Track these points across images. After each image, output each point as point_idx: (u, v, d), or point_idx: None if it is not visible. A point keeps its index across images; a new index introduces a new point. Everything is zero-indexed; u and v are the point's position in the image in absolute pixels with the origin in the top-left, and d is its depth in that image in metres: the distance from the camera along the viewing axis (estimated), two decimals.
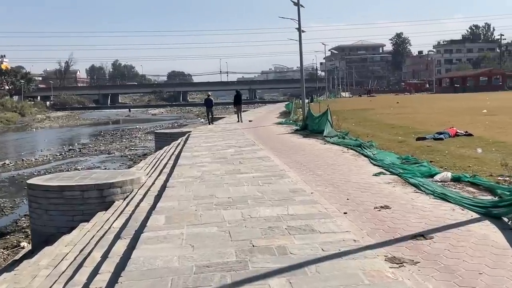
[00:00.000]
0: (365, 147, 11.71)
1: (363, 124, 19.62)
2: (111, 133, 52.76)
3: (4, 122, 75.71)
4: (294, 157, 11.40)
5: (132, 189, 11.31)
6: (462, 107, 29.72)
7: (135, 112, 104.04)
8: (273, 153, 12.52)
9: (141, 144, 38.65)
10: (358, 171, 8.99)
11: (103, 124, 73.30)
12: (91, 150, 36.72)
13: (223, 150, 13.95)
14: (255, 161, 11.05)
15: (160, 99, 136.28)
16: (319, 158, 10.94)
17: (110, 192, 10.88)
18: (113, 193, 10.91)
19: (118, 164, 28.47)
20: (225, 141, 16.56)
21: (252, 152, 12.76)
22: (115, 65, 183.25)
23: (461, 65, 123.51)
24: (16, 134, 58.50)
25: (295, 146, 13.71)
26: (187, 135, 22.23)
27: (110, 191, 10.88)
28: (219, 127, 24.46)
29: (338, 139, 14.18)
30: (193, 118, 74.28)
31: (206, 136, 19.78)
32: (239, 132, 20.41)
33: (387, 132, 15.89)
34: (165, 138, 26.97)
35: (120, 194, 11.03)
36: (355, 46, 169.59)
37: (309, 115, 18.41)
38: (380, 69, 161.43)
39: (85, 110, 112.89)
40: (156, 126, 61.05)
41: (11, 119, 79.91)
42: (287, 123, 23.89)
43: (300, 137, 16.37)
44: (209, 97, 29.65)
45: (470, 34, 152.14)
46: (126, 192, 11.13)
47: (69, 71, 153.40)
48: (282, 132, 19.28)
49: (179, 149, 16.66)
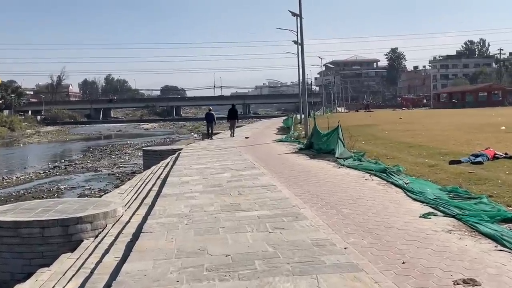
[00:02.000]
0: (392, 173, 9.56)
1: (374, 143, 17.48)
2: (100, 148, 50.99)
3: None
4: (307, 186, 9.21)
5: (105, 224, 9.21)
6: (474, 123, 27.69)
7: (127, 127, 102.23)
8: (279, 179, 10.34)
9: (130, 161, 36.92)
10: (397, 209, 6.81)
11: (94, 139, 71.42)
12: (77, 167, 35.00)
13: (217, 174, 11.76)
14: (257, 191, 8.87)
15: (153, 114, 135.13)
16: (339, 188, 8.75)
17: (78, 229, 8.80)
18: (81, 230, 8.82)
19: (104, 183, 26.80)
20: (219, 162, 14.36)
21: (253, 177, 10.59)
22: (108, 79, 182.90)
23: (457, 80, 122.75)
24: (1, 150, 56.38)
25: (304, 170, 11.51)
26: (178, 154, 20.06)
27: (77, 228, 8.81)
28: (213, 145, 22.26)
29: (354, 161, 12.01)
30: (186, 133, 72.57)
31: (198, 155, 17.58)
32: (235, 151, 18.22)
33: (407, 153, 13.74)
34: (154, 156, 24.93)
35: (90, 231, 8.94)
36: (350, 61, 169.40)
37: (315, 132, 16.23)
38: (375, 84, 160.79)
39: (77, 125, 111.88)
40: (148, 142, 59.14)
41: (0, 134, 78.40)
42: (288, 141, 21.71)
43: (306, 158, 14.16)
44: (210, 111, 28.65)
45: (466, 50, 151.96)
46: (98, 228, 9.04)
47: (61, 85, 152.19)
48: (284, 152, 17.08)
49: (167, 172, 14.45)
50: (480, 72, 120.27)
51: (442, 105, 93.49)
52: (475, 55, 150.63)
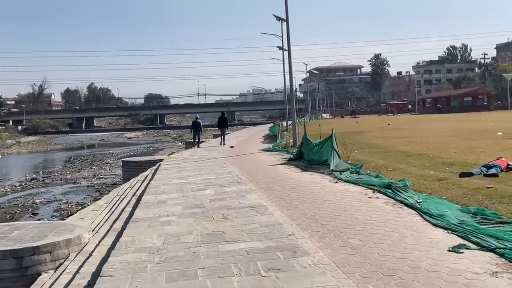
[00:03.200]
0: (398, 189, 8.32)
1: (369, 152, 16.26)
2: (81, 159, 49.65)
3: None
4: (302, 207, 7.91)
5: (68, 253, 7.87)
6: (467, 129, 26.71)
7: (110, 136, 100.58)
8: (269, 197, 9.04)
9: (111, 172, 35.67)
10: (416, 238, 5.53)
11: (75, 149, 69.91)
12: (56, 179, 33.69)
13: (199, 191, 10.42)
14: (245, 213, 7.57)
15: (137, 122, 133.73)
16: (340, 209, 7.46)
17: (34, 261, 7.46)
18: (38, 261, 7.46)
19: (82, 196, 25.61)
20: (202, 176, 13.02)
21: (239, 195, 9.28)
22: (90, 88, 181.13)
23: (441, 86, 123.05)
24: None
25: (297, 186, 10.21)
26: (158, 165, 18.69)
27: (33, 259, 7.47)
28: (196, 155, 20.88)
29: (352, 174, 10.75)
30: (170, 142, 71.34)
31: (179, 167, 16.21)
32: (219, 162, 16.87)
33: (407, 163, 12.53)
34: (134, 167, 23.57)
35: (50, 262, 7.58)
36: (333, 67, 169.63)
37: (305, 141, 14.94)
38: (359, 90, 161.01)
39: (58, 134, 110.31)
40: (130, 151, 57.82)
41: None
42: (275, 150, 20.39)
43: (297, 171, 12.86)
44: (197, 119, 28.29)
45: (448, 55, 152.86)
46: (59, 259, 7.67)
47: (43, 95, 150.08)
48: (272, 163, 15.77)
49: (144, 187, 13.07)
50: (464, 77, 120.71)
51: (427, 110, 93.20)
52: (457, 60, 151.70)
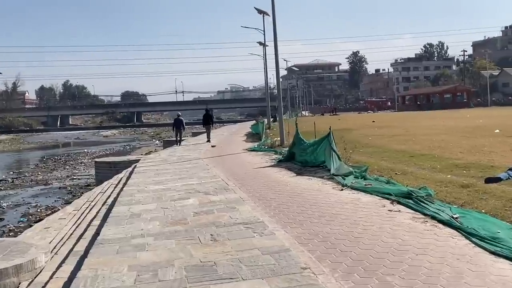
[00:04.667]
0: (421, 200, 6.91)
1: (365, 152, 14.85)
2: (54, 158, 47.54)
3: None
4: (309, 223, 6.41)
5: (18, 283, 6.34)
6: (459, 126, 25.61)
7: (86, 134, 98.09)
8: (265, 209, 7.52)
9: (86, 172, 33.84)
10: (480, 277, 4.07)
11: (49, 148, 67.50)
12: (26, 180, 31.73)
13: (180, 200, 8.87)
14: (239, 233, 6.06)
15: (113, 120, 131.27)
16: (359, 228, 5.98)
17: None
18: None
19: (53, 199, 23.83)
20: (183, 181, 11.44)
21: (229, 207, 7.77)
22: (65, 85, 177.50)
23: (419, 83, 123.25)
24: None
25: (295, 194, 8.70)
26: (133, 167, 17.05)
27: None
28: (175, 155, 19.25)
29: (356, 178, 9.30)
30: (148, 140, 69.50)
31: (157, 169, 14.60)
32: (201, 164, 15.30)
33: (414, 165, 11.14)
34: (108, 168, 21.89)
35: None
36: (312, 65, 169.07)
37: (298, 140, 13.44)
38: (337, 87, 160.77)
39: (32, 133, 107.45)
40: (106, 150, 55.82)
41: None
42: (261, 150, 18.85)
43: (291, 174, 11.34)
44: (179, 117, 27.53)
45: (425, 52, 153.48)
46: None
47: (16, 92, 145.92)
48: (260, 164, 14.23)
49: (116, 193, 11.46)
50: (441, 74, 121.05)
51: (406, 107, 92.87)
52: (434, 57, 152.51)
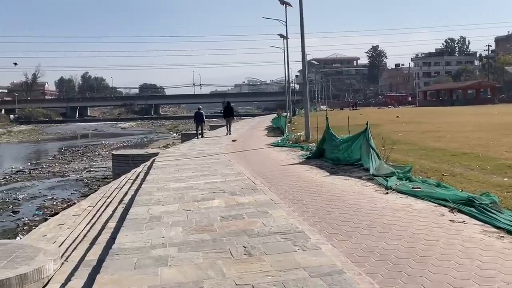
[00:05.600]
0: (486, 208, 5.92)
1: (400, 149, 13.65)
2: (72, 150, 47.34)
3: None
4: (359, 236, 5.45)
5: None
6: (490, 123, 24.35)
7: (104, 126, 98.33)
8: (302, 215, 6.59)
9: (103, 164, 33.49)
10: None
11: (67, 139, 67.65)
12: (43, 172, 31.46)
13: (204, 201, 7.98)
14: (277, 245, 5.15)
15: (131, 112, 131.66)
16: (422, 243, 5.01)
17: None
18: None
19: (70, 192, 23.45)
20: (205, 178, 10.56)
21: (260, 211, 6.87)
22: (84, 77, 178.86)
23: (440, 78, 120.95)
24: None
25: (334, 197, 7.74)
26: (152, 161, 16.25)
27: None
28: (195, 150, 18.39)
29: (402, 181, 8.31)
30: (165, 133, 69.14)
31: (177, 165, 13.73)
32: (223, 159, 14.40)
33: (460, 165, 10.08)
34: (126, 162, 21.17)
35: None
36: (330, 59, 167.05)
37: (328, 136, 12.46)
38: (356, 82, 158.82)
39: (51, 124, 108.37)
40: (123, 142, 55.52)
41: None
42: (286, 145, 17.90)
43: (324, 173, 10.38)
44: (200, 110, 27.41)
45: (446, 47, 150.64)
46: None
47: (36, 83, 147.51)
48: (287, 161, 13.28)
49: (134, 190, 10.62)
50: (463, 70, 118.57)
51: (428, 102, 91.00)
52: (455, 52, 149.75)
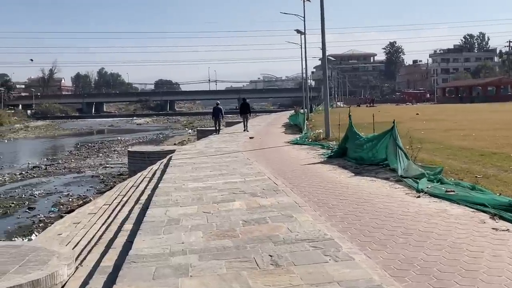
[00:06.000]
0: None
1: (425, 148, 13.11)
2: (88, 145, 47.42)
3: None
4: (394, 245, 5.03)
5: None
6: None
7: (120, 122, 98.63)
8: (330, 220, 6.18)
9: (119, 160, 33.42)
10: None
11: (83, 134, 67.94)
12: (59, 167, 31.50)
13: (224, 202, 7.62)
14: (306, 254, 4.76)
15: (147, 108, 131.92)
16: (465, 255, 4.57)
17: None
18: None
19: (85, 188, 23.39)
20: (224, 178, 10.20)
21: (285, 214, 6.47)
22: (100, 73, 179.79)
23: (458, 75, 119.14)
24: None
25: (362, 200, 7.31)
26: (168, 158, 15.94)
27: None
28: (212, 147, 18.04)
29: (430, 182, 7.84)
30: (180, 129, 69.02)
31: (194, 163, 13.38)
32: (241, 157, 14.02)
33: (491, 166, 9.58)
34: (141, 159, 20.91)
35: None
36: (346, 55, 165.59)
37: (352, 134, 12.01)
38: (372, 78, 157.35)
39: (68, 119, 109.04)
40: (139, 138, 55.56)
41: None
42: (305, 143, 17.46)
43: (349, 174, 9.93)
44: (218, 105, 26.96)
45: (465, 43, 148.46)
46: None
47: (53, 79, 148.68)
48: (308, 160, 12.84)
49: (151, 189, 10.30)
50: (483, 66, 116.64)
51: (447, 99, 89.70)
52: (474, 49, 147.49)
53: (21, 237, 14.57)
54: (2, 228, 15.99)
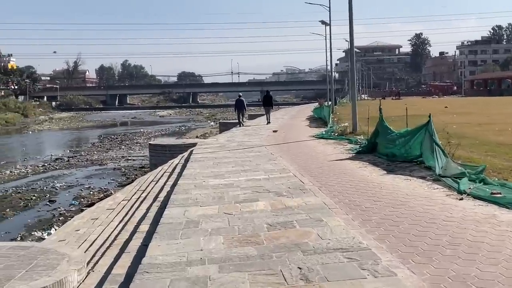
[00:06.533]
0: None
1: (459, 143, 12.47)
2: (111, 137, 47.51)
3: (2, 123, 71.85)
4: (441, 259, 4.39)
5: None
6: None
7: (143, 114, 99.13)
8: (364, 225, 5.58)
9: (141, 152, 33.31)
10: None
11: (107, 126, 68.32)
12: (81, 159, 31.50)
13: (247, 202, 7.06)
14: (339, 268, 4.16)
15: (170, 101, 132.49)
16: None
17: None
18: None
19: (107, 181, 23.30)
20: (247, 174, 9.63)
21: (313, 218, 5.88)
22: (124, 65, 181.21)
23: (487, 67, 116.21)
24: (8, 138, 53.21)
25: (398, 202, 6.66)
26: (190, 152, 15.47)
27: None
28: (234, 141, 17.51)
29: (471, 182, 7.16)
30: (203, 121, 68.85)
31: (215, 158, 12.86)
32: (265, 152, 13.44)
33: None
34: (163, 152, 20.55)
35: None
36: (371, 47, 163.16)
37: (382, 129, 11.32)
38: (397, 71, 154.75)
39: (92, 111, 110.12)
40: (162, 130, 55.54)
41: (11, 120, 76.33)
42: (331, 138, 16.77)
43: (380, 171, 9.26)
44: (240, 97, 26.71)
45: (493, 35, 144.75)
46: None
47: (77, 71, 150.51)
48: (335, 156, 12.19)
49: (169, 188, 9.80)
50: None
51: (475, 92, 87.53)
52: (503, 40, 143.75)
53: (40, 231, 14.40)
54: (22, 222, 15.82)
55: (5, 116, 77.39)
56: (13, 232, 14.35)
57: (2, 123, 72.17)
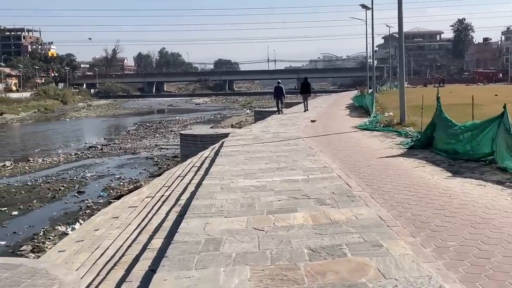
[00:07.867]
0: None
1: None
2: (146, 125, 47.30)
3: (42, 110, 73.06)
4: None
5: None
6: None
7: (179, 101, 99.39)
8: (440, 255, 4.16)
9: (174, 141, 32.89)
10: None
11: (143, 114, 68.41)
12: (114, 148, 31.23)
13: (282, 213, 5.70)
14: None
15: (206, 88, 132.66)
16: None
17: None
18: None
19: (138, 171, 22.75)
20: (282, 174, 8.25)
21: (368, 242, 4.47)
22: (161, 52, 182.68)
23: None
24: (46, 124, 53.83)
25: (478, 219, 5.14)
26: (221, 144, 14.28)
27: None
28: (269, 132, 16.13)
29: None
30: (238, 109, 68.02)
31: (247, 151, 11.54)
32: (303, 145, 12.02)
33: None
34: (193, 143, 19.63)
35: None
36: (411, 33, 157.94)
37: (442, 121, 9.72)
38: (438, 57, 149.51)
39: (129, 98, 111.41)
40: (197, 117, 54.96)
41: (50, 107, 77.64)
42: (376, 129, 15.17)
43: (443, 173, 7.70)
44: (279, 84, 26.02)
45: None
46: None
47: (116, 59, 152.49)
48: (384, 151, 10.64)
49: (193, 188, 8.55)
50: None
51: None
52: None
53: (65, 225, 13.95)
54: (48, 215, 15.33)
55: (45, 103, 78.60)
56: (36, 226, 13.94)
57: (41, 110, 73.27)
